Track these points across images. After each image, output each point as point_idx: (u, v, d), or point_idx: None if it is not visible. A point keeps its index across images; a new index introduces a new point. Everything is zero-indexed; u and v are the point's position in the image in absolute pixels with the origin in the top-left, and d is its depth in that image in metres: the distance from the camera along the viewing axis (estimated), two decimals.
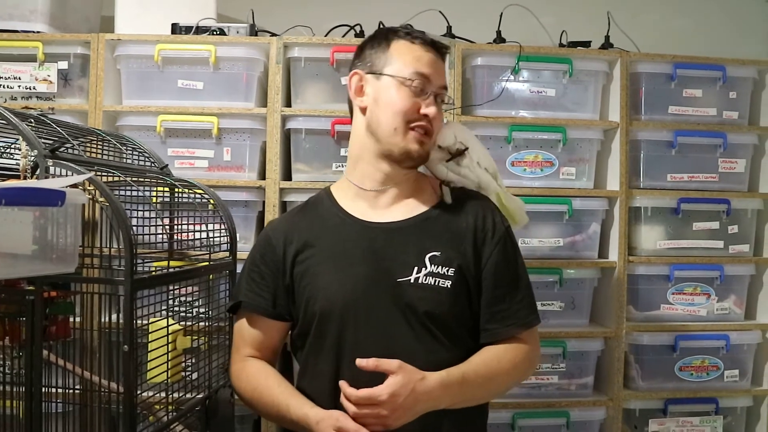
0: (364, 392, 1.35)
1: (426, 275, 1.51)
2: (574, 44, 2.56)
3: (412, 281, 1.50)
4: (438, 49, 1.59)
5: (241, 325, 1.63)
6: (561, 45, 2.58)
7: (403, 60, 1.54)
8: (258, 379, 1.55)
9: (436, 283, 1.50)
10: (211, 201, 1.95)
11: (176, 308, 1.78)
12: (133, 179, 1.72)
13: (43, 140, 1.54)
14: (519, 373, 1.57)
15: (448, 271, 1.51)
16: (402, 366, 1.37)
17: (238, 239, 2.01)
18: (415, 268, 1.50)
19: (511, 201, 1.83)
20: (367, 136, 1.57)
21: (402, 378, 1.35)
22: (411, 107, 1.52)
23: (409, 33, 1.58)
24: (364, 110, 1.58)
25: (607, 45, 2.62)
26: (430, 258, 1.51)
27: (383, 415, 1.35)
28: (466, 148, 1.69)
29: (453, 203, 1.61)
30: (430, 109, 1.53)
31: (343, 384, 1.40)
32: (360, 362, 1.37)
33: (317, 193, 1.71)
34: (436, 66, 1.57)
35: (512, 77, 2.47)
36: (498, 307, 1.54)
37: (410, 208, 1.59)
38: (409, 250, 1.53)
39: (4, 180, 1.52)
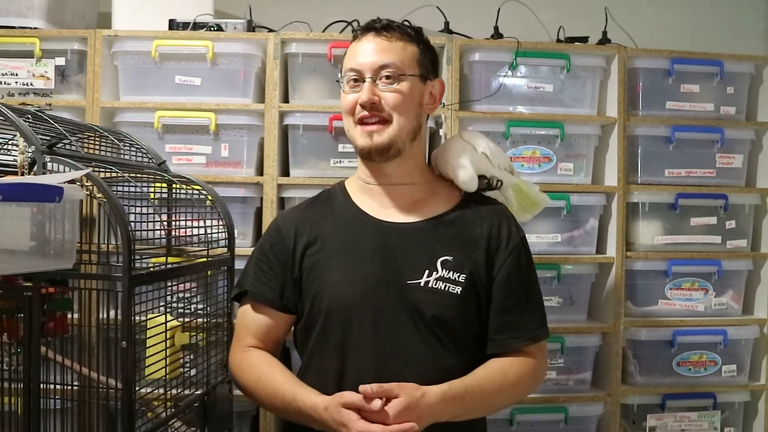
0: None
1: (437, 280, 1.50)
2: (571, 40, 2.56)
3: (422, 284, 1.49)
4: (372, 30, 1.55)
5: (245, 314, 1.62)
6: (558, 41, 2.58)
7: (345, 64, 1.57)
8: (261, 368, 1.54)
9: (447, 289, 1.50)
10: (209, 197, 1.94)
11: (174, 304, 1.78)
12: (131, 175, 1.72)
13: (40, 136, 1.53)
14: (524, 388, 1.55)
15: (459, 277, 1.50)
16: (401, 387, 1.37)
17: (236, 235, 2.00)
18: (426, 272, 1.50)
19: (531, 187, 1.85)
20: None
21: (404, 399, 1.36)
22: (350, 104, 1.53)
23: (357, 32, 1.59)
24: None
25: (604, 40, 2.62)
26: (441, 262, 1.51)
27: None
28: (500, 181, 1.70)
29: (470, 210, 1.60)
30: (361, 96, 1.51)
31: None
32: (363, 389, 1.37)
33: (332, 187, 1.70)
34: (370, 49, 1.53)
35: (510, 73, 2.46)
36: (507, 317, 1.53)
37: (424, 211, 1.58)
38: (420, 252, 1.52)
39: (1, 176, 1.52)
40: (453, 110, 2.37)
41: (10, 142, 1.66)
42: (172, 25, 2.43)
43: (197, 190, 1.93)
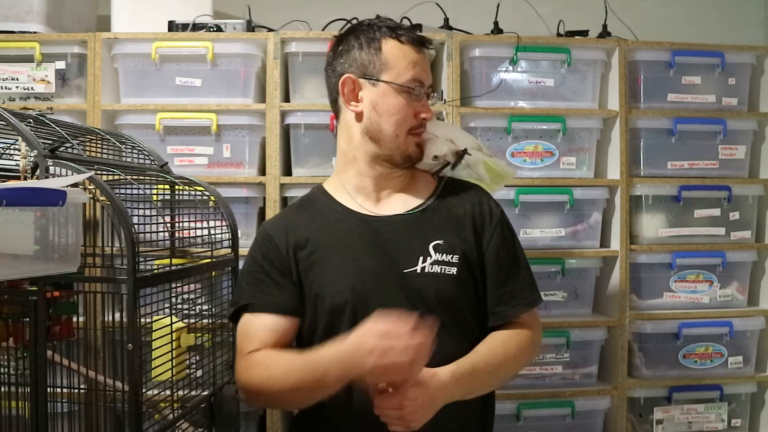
0: (387, 397, 1.38)
1: (432, 264, 1.52)
2: (571, 33, 2.56)
3: (418, 271, 1.51)
4: (426, 46, 1.60)
5: (248, 327, 1.55)
6: (558, 35, 2.57)
7: (399, 65, 1.54)
8: (271, 360, 1.48)
9: (443, 271, 1.52)
10: (212, 198, 1.95)
11: (179, 306, 1.78)
12: (134, 178, 1.72)
13: (42, 140, 1.53)
14: (525, 358, 1.58)
15: (452, 258, 1.53)
16: None
17: (239, 235, 2.01)
18: (420, 258, 1.51)
19: (498, 163, 1.85)
20: (365, 140, 1.57)
21: (416, 380, 1.37)
22: (411, 115, 1.55)
23: (393, 29, 1.56)
24: (359, 115, 1.57)
25: (604, 34, 2.61)
26: (434, 247, 1.52)
27: (406, 418, 1.37)
28: (465, 150, 1.70)
29: (448, 194, 1.63)
30: (428, 113, 1.57)
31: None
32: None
33: (309, 192, 1.70)
34: (425, 65, 1.58)
35: (510, 68, 2.46)
36: (504, 289, 1.56)
37: (408, 201, 1.61)
38: (412, 240, 1.53)
39: (4, 181, 1.52)
40: (454, 106, 2.37)
41: (12, 147, 1.66)
42: (172, 26, 2.43)
43: (200, 191, 1.93)
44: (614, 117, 2.48)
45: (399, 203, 1.60)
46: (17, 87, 2.39)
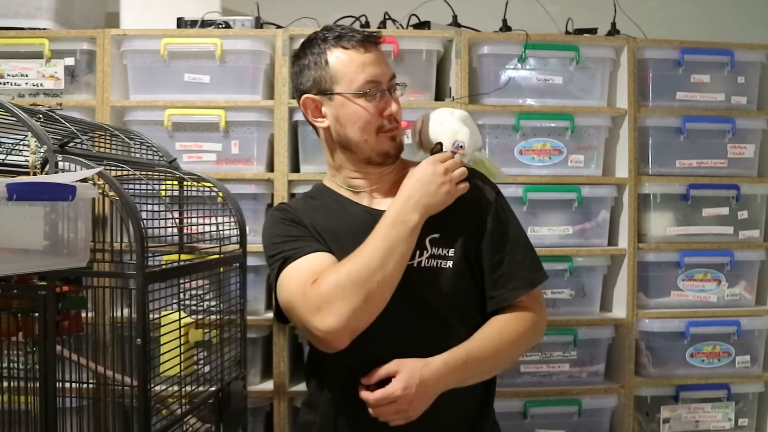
0: (379, 393, 1.41)
1: (428, 258, 1.52)
2: (580, 31, 2.55)
3: (414, 265, 1.50)
4: (373, 42, 1.56)
5: (301, 267, 1.47)
6: (567, 32, 2.57)
7: (348, 73, 1.53)
8: (340, 263, 1.44)
9: (439, 265, 1.52)
10: (220, 194, 1.95)
11: (187, 301, 1.79)
12: (143, 173, 1.73)
13: (52, 136, 1.54)
14: (524, 341, 1.57)
15: (448, 252, 1.53)
16: (401, 362, 1.42)
17: (247, 232, 2.01)
18: (417, 252, 1.50)
19: (493, 161, 1.84)
20: (341, 150, 1.60)
21: (407, 372, 1.40)
22: (374, 116, 1.54)
23: (338, 37, 1.55)
24: (327, 129, 1.59)
25: (613, 32, 2.61)
26: (430, 240, 1.52)
27: (403, 410, 1.40)
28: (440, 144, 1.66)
29: None
30: (392, 108, 1.55)
31: (360, 388, 1.45)
32: (363, 381, 1.44)
33: (312, 189, 1.72)
34: (379, 60, 1.56)
35: (519, 65, 2.45)
36: (499, 272, 1.55)
37: None
38: None
39: (14, 176, 1.53)
40: (462, 104, 2.37)
41: (22, 143, 1.66)
42: (180, 23, 2.43)
43: (208, 187, 1.94)
44: (623, 115, 2.48)
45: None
46: (27, 83, 2.40)
